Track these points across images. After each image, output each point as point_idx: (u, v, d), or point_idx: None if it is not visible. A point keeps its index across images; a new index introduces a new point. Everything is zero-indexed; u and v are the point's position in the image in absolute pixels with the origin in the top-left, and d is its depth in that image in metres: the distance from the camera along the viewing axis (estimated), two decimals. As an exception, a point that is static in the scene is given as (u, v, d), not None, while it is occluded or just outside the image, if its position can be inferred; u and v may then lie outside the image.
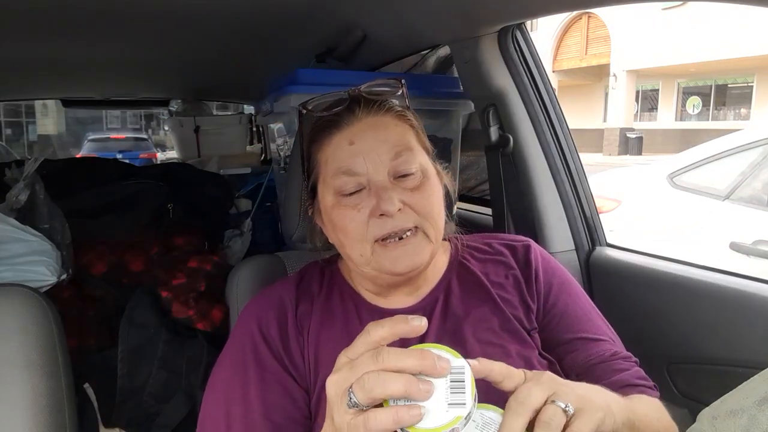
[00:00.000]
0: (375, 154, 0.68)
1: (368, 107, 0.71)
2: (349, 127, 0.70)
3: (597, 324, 0.78)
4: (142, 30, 1.47)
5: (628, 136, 15.58)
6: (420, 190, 0.69)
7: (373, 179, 0.67)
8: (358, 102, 0.72)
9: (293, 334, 0.72)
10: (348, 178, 0.68)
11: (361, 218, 0.67)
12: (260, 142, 3.19)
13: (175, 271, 1.46)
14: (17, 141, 16.16)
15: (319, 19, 1.40)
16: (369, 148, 0.68)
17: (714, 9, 12.99)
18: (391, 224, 0.67)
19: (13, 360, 0.79)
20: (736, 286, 0.97)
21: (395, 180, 0.68)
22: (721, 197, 2.71)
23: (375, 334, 0.47)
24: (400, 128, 0.72)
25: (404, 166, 0.68)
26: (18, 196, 1.37)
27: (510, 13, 1.13)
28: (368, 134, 0.69)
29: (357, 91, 0.72)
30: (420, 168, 0.70)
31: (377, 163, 0.68)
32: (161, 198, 1.71)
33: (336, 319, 0.74)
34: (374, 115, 0.71)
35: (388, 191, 0.66)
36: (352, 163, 0.68)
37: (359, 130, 0.70)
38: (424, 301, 0.76)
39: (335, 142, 0.70)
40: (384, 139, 0.69)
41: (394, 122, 0.72)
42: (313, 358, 0.71)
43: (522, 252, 0.81)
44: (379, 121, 0.71)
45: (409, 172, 0.69)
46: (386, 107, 0.73)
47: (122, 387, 1.28)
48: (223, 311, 1.40)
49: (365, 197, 0.68)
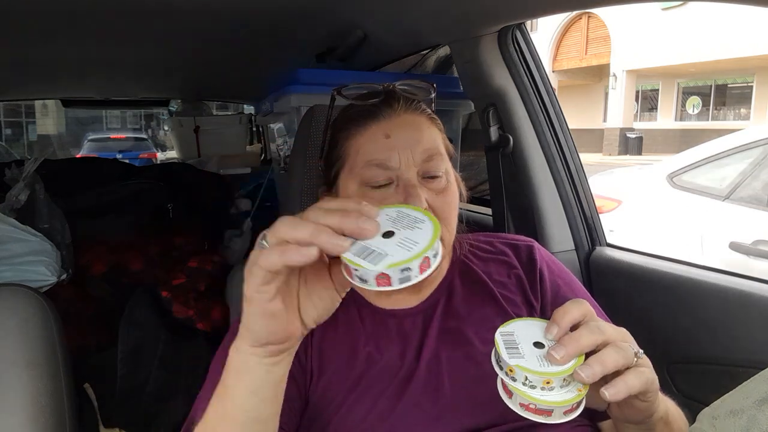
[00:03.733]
0: (409, 152, 0.68)
1: (407, 104, 0.72)
2: (387, 121, 0.70)
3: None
4: (142, 30, 1.47)
5: (628, 136, 15.58)
6: (444, 194, 0.70)
7: (403, 176, 0.68)
8: (396, 97, 0.72)
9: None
10: (380, 171, 0.68)
11: None
12: (260, 142, 3.19)
13: (175, 271, 1.46)
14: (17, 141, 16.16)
15: (319, 19, 1.40)
16: (405, 145, 0.68)
17: (714, 9, 12.99)
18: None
19: (13, 360, 0.79)
20: (736, 286, 0.97)
21: (423, 180, 0.69)
22: (721, 197, 2.71)
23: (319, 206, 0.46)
24: (433, 131, 0.72)
25: (434, 169, 0.69)
26: (18, 196, 1.37)
27: (510, 13, 1.13)
28: (405, 131, 0.69)
29: (392, 86, 0.72)
30: (445, 172, 0.71)
31: (410, 161, 0.68)
32: (161, 198, 1.71)
33: (338, 321, 0.74)
34: (412, 113, 0.72)
35: (416, 189, 0.67)
36: (386, 157, 0.68)
37: (396, 126, 0.70)
38: (426, 302, 0.76)
39: (370, 132, 0.70)
40: (419, 139, 0.69)
41: (427, 124, 0.72)
42: (316, 359, 0.71)
43: (525, 251, 0.81)
44: (415, 119, 0.71)
45: (437, 174, 0.70)
46: (422, 108, 0.73)
47: (122, 387, 1.28)
48: (223, 311, 1.40)
49: (392, 192, 0.68)
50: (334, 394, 0.68)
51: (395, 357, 0.71)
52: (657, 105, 17.56)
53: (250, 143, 3.17)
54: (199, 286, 1.43)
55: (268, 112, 1.53)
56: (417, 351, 0.71)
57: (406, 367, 0.69)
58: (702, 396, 1.02)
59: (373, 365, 0.70)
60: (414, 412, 0.66)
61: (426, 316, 0.74)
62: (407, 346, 0.71)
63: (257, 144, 3.22)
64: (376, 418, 0.65)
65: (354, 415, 0.66)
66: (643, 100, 18.10)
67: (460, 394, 0.67)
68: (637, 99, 17.42)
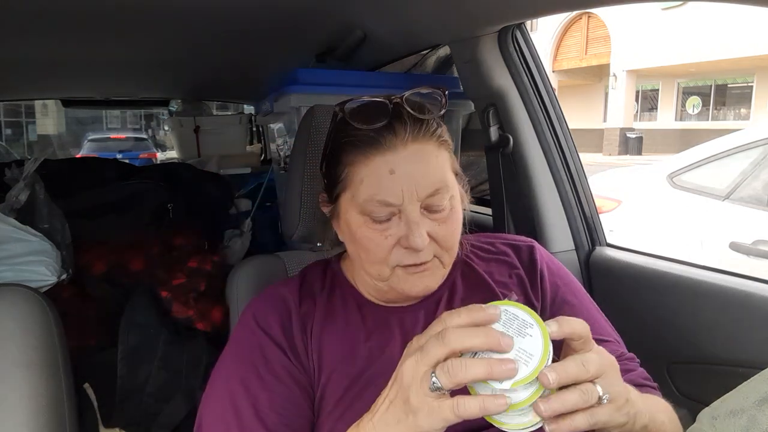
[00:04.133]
0: (414, 186, 0.65)
1: (414, 131, 0.66)
2: (392, 153, 0.65)
3: (601, 325, 0.79)
4: (142, 30, 1.47)
5: (628, 136, 15.57)
6: (446, 223, 0.68)
7: (406, 209, 0.66)
8: (403, 121, 0.66)
9: (297, 334, 0.72)
10: (383, 208, 0.66)
11: (387, 245, 0.67)
12: (260, 142, 3.19)
13: (175, 271, 1.46)
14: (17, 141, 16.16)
15: (319, 19, 1.40)
16: (409, 180, 0.65)
17: (714, 9, 12.98)
18: (416, 257, 0.67)
19: (13, 360, 0.79)
20: (736, 286, 0.97)
21: (425, 211, 0.67)
22: (721, 197, 2.70)
23: (450, 322, 0.49)
24: (441, 159, 0.68)
25: (438, 203, 0.67)
26: (18, 196, 1.37)
27: (510, 13, 1.13)
28: (411, 165, 0.65)
29: (400, 101, 0.67)
30: (450, 200, 0.69)
31: (413, 197, 0.65)
32: (161, 198, 1.71)
33: (338, 319, 0.74)
34: (419, 142, 0.67)
35: (419, 226, 0.65)
36: (389, 194, 0.65)
37: (402, 159, 0.65)
38: (427, 300, 0.76)
39: (374, 165, 0.66)
40: (425, 173, 0.66)
41: (436, 152, 0.68)
42: (316, 357, 0.71)
43: (526, 252, 0.82)
44: (423, 149, 0.67)
45: (441, 209, 0.68)
46: (431, 132, 0.68)
47: (122, 387, 1.28)
48: (223, 311, 1.40)
49: (394, 224, 0.67)
50: (334, 390, 0.68)
51: (396, 353, 0.71)
52: (657, 105, 17.55)
53: (250, 143, 3.17)
54: (199, 286, 1.43)
55: (268, 112, 1.53)
56: None
57: None
58: (702, 396, 1.02)
59: (374, 362, 0.70)
60: None
61: (427, 313, 0.75)
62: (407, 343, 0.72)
63: (257, 144, 3.22)
64: None
65: (355, 412, 0.66)
66: (643, 100, 18.09)
67: (463, 392, 0.68)
68: (637, 99, 17.41)
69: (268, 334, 0.72)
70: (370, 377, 0.69)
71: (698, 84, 16.61)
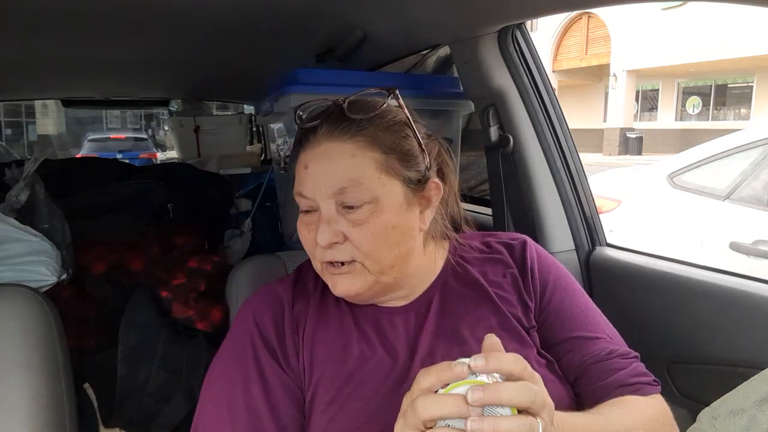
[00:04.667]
0: (322, 184, 0.68)
1: (330, 131, 0.69)
2: (309, 150, 0.70)
3: (593, 321, 0.78)
4: (142, 30, 1.47)
5: (628, 136, 15.57)
6: (362, 226, 0.67)
7: (320, 205, 0.69)
8: (328, 119, 0.70)
9: (289, 333, 0.73)
10: (301, 199, 0.70)
11: (311, 239, 0.69)
12: (260, 142, 3.19)
13: (175, 271, 1.46)
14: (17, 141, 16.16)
15: (319, 19, 1.40)
16: (318, 176, 0.68)
17: (714, 9, 12.98)
18: (329, 254, 0.69)
19: (13, 360, 0.79)
20: (736, 286, 0.97)
21: (343, 209, 0.68)
22: (721, 197, 2.70)
23: (425, 382, 0.51)
24: (358, 159, 0.67)
25: (350, 200, 0.67)
26: (18, 196, 1.37)
27: (510, 13, 1.13)
28: (320, 162, 0.68)
29: (343, 102, 0.70)
30: (372, 200, 0.67)
31: (323, 193, 0.68)
32: (161, 198, 1.71)
33: (330, 318, 0.74)
34: (334, 140, 0.68)
35: (326, 224, 0.67)
36: (304, 188, 0.69)
37: (315, 156, 0.69)
38: (419, 301, 0.76)
39: (299, 160, 0.71)
40: (332, 171, 0.67)
41: (352, 151, 0.68)
42: (308, 357, 0.71)
43: (519, 249, 0.81)
44: (335, 148, 0.68)
45: (354, 205, 0.67)
46: (351, 132, 0.68)
47: (122, 387, 1.28)
48: (223, 311, 1.40)
49: (316, 219, 0.69)
50: (326, 390, 0.68)
51: (388, 355, 0.71)
52: (657, 105, 17.55)
53: (250, 143, 3.17)
54: (199, 286, 1.43)
55: (268, 112, 1.53)
56: (411, 349, 0.71)
57: (400, 365, 0.70)
58: (702, 396, 1.02)
59: (365, 362, 0.70)
60: None
61: (419, 314, 0.75)
62: (400, 344, 0.72)
63: (257, 144, 3.22)
64: (371, 416, 0.65)
65: (347, 413, 0.66)
66: (643, 100, 18.09)
67: None
68: (637, 99, 17.41)
69: (262, 334, 0.72)
70: (362, 378, 0.68)
71: (698, 84, 16.61)
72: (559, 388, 0.71)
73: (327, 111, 0.71)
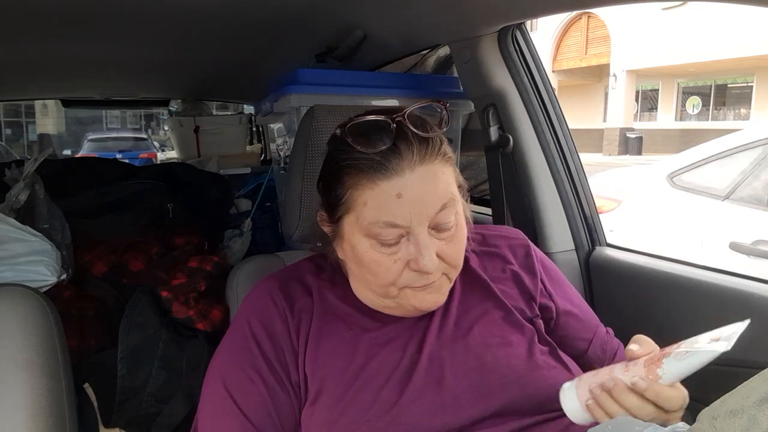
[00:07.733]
0: (422, 208, 0.64)
1: (421, 153, 0.64)
2: (399, 178, 0.63)
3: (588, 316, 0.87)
4: (142, 30, 1.47)
5: (628, 136, 15.57)
6: (453, 241, 0.68)
7: (414, 230, 0.64)
8: (407, 141, 0.64)
9: (290, 331, 0.73)
10: (391, 230, 0.64)
11: (396, 269, 0.66)
12: (260, 142, 3.19)
13: (175, 271, 1.46)
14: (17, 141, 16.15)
15: (319, 19, 1.40)
16: (418, 201, 0.64)
17: (714, 9, 12.97)
18: (426, 279, 0.67)
19: (13, 360, 0.79)
20: (736, 286, 0.97)
21: (432, 231, 0.66)
22: (721, 197, 2.70)
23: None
24: (447, 175, 0.67)
25: (445, 219, 0.66)
26: (18, 196, 1.37)
27: (510, 13, 1.13)
28: (419, 186, 0.64)
29: (402, 119, 0.65)
30: (455, 216, 0.68)
31: (422, 216, 0.64)
32: (161, 198, 1.71)
33: (336, 315, 0.75)
34: (426, 163, 0.65)
35: (429, 249, 0.64)
36: (397, 217, 0.64)
37: (410, 182, 0.63)
38: None
39: (380, 189, 0.64)
40: (433, 191, 0.65)
41: (442, 169, 0.67)
42: (312, 354, 0.71)
43: (521, 249, 0.85)
44: (430, 170, 0.65)
45: (448, 226, 0.67)
46: (436, 150, 0.66)
47: (122, 387, 1.28)
48: (223, 311, 1.40)
49: (403, 247, 0.65)
50: (335, 385, 0.68)
51: (396, 349, 0.71)
52: (657, 105, 17.55)
53: (250, 143, 3.17)
54: (199, 286, 1.42)
55: (268, 112, 1.53)
56: (419, 344, 0.72)
57: (407, 358, 0.70)
58: (702, 396, 1.02)
59: (373, 357, 0.70)
60: (418, 402, 0.67)
61: (426, 314, 0.75)
62: (408, 339, 0.72)
63: (257, 144, 3.22)
64: (381, 408, 0.66)
65: (357, 406, 0.66)
66: (643, 100, 18.09)
67: (463, 386, 0.69)
68: (637, 99, 17.41)
69: (260, 334, 0.72)
70: (371, 371, 0.69)
71: (698, 84, 16.60)
72: (563, 374, 0.73)
73: (398, 132, 0.65)
